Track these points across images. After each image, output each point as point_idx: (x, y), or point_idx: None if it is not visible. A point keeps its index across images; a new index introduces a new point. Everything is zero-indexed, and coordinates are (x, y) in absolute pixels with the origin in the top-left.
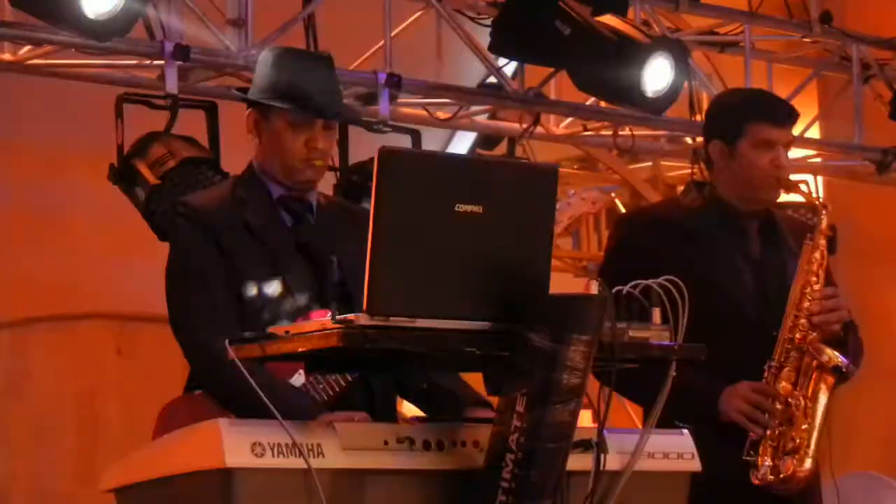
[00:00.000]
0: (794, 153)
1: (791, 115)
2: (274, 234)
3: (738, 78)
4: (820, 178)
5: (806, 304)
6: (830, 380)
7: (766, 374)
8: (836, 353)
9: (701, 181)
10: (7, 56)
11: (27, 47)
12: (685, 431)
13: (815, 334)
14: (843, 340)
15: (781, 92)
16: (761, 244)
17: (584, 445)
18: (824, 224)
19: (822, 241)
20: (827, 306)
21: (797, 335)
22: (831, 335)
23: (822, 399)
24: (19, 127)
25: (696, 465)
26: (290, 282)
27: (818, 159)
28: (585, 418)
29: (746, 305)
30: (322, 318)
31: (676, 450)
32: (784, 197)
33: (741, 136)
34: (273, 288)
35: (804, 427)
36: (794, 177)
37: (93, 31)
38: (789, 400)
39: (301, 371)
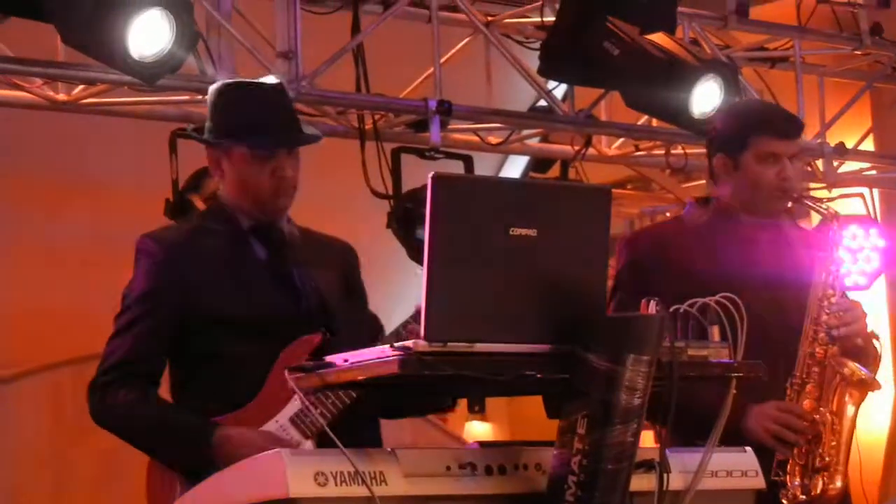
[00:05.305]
0: (849, 166)
1: (796, 127)
2: (246, 265)
3: (789, 93)
4: (876, 191)
5: (824, 317)
6: (856, 393)
7: (789, 392)
8: (858, 366)
9: (704, 196)
10: (62, 96)
11: (81, 87)
12: (748, 449)
13: (835, 348)
14: (864, 352)
15: (834, 105)
16: (770, 255)
17: (647, 466)
18: (837, 235)
19: (836, 252)
20: (846, 319)
21: (817, 349)
22: (852, 348)
23: (849, 413)
24: (82, 164)
25: (760, 482)
26: (265, 311)
27: (873, 172)
28: (648, 439)
29: (763, 317)
30: (314, 341)
31: (740, 468)
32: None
33: (745, 150)
34: (250, 318)
35: (832, 444)
36: (849, 190)
37: (139, 73)
38: (815, 416)
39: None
